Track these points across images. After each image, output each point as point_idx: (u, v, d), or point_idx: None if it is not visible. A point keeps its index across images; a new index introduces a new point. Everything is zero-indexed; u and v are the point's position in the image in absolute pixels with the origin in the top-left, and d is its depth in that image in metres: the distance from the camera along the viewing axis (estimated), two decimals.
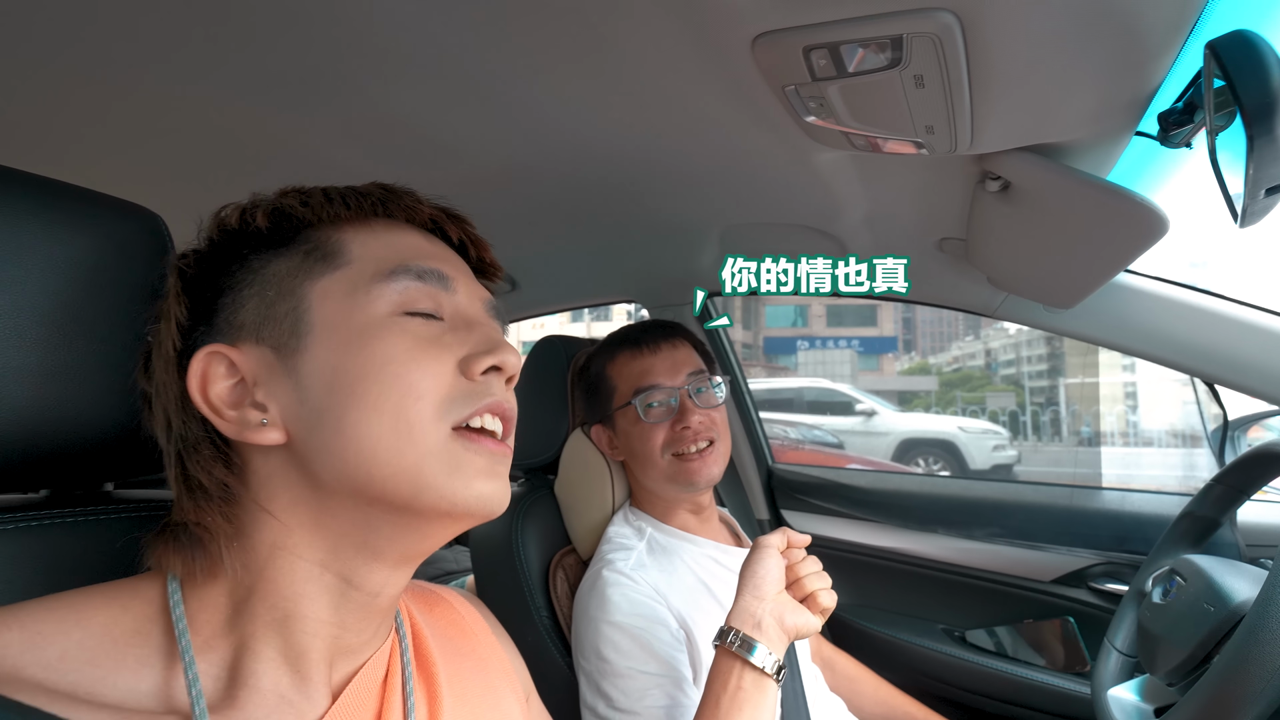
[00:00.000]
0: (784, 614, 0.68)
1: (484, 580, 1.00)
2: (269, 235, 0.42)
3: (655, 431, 0.91)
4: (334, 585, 0.40)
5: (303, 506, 0.39)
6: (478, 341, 0.41)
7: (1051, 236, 0.74)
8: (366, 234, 0.43)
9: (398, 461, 0.38)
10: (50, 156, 0.84)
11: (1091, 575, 1.16)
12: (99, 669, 0.35)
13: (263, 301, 0.40)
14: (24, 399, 0.43)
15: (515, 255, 1.35)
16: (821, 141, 0.68)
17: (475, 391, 0.40)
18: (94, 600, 0.37)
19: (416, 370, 0.39)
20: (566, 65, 0.65)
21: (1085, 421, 8.35)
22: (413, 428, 0.38)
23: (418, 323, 0.41)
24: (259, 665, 0.38)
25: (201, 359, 0.39)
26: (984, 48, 0.44)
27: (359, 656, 0.43)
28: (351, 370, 0.39)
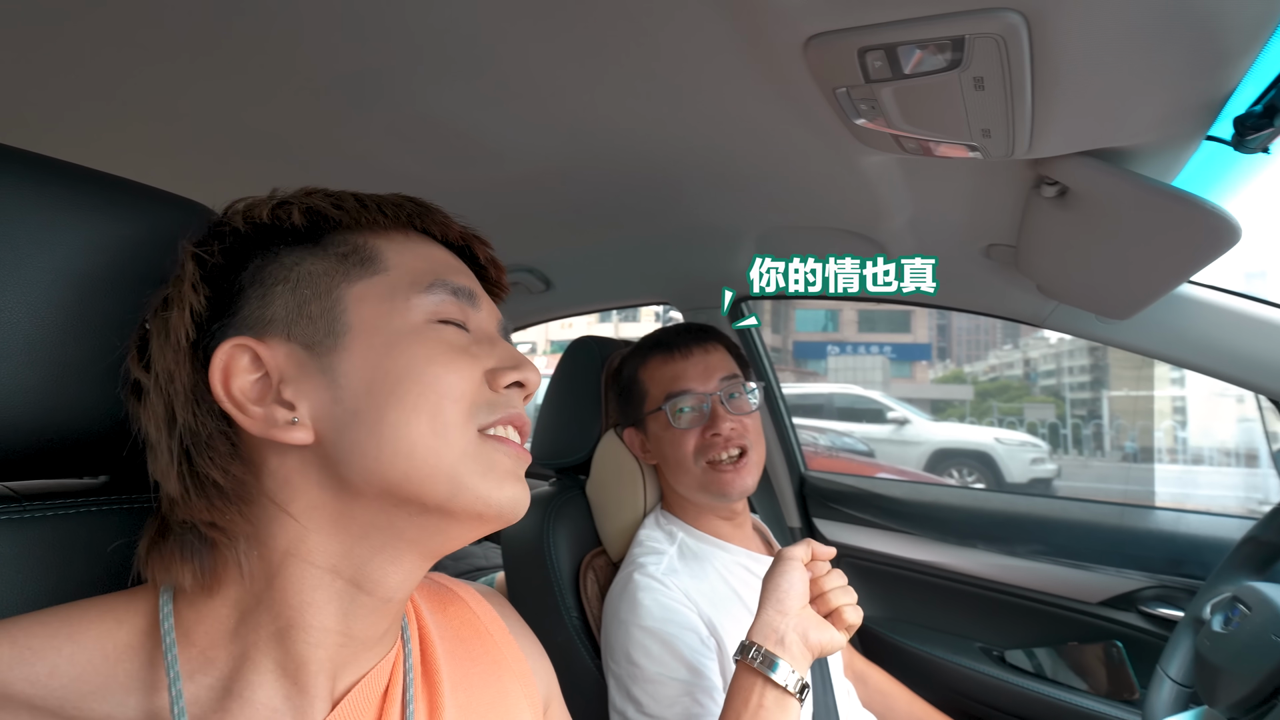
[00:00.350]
0: (808, 630, 0.66)
1: (515, 579, 1.00)
2: (303, 233, 0.42)
3: (686, 437, 0.90)
4: (343, 591, 0.39)
5: (323, 508, 0.39)
6: (502, 357, 0.43)
7: (1110, 245, 0.71)
8: (400, 244, 0.44)
9: (435, 462, 0.38)
10: (110, 153, 0.87)
11: (1142, 599, 1.11)
12: (87, 685, 0.35)
13: (295, 299, 0.40)
14: (87, 389, 0.44)
15: (550, 255, 1.36)
16: (869, 144, 0.67)
17: (498, 402, 0.42)
18: (89, 614, 0.37)
19: (453, 374, 0.40)
20: (610, 66, 0.65)
21: (1130, 436, 8.03)
22: (449, 429, 0.39)
23: (450, 331, 0.42)
24: (256, 677, 0.38)
25: (226, 351, 0.38)
26: (1050, 49, 0.43)
27: (362, 665, 0.42)
28: (392, 372, 0.39)
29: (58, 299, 0.43)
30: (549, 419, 1.09)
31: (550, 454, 1.08)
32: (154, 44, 0.66)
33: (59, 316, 0.43)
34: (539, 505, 0.99)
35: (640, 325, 7.59)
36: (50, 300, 0.43)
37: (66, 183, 0.45)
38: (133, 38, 0.64)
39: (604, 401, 1.05)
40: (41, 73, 0.70)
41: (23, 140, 0.45)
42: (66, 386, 0.44)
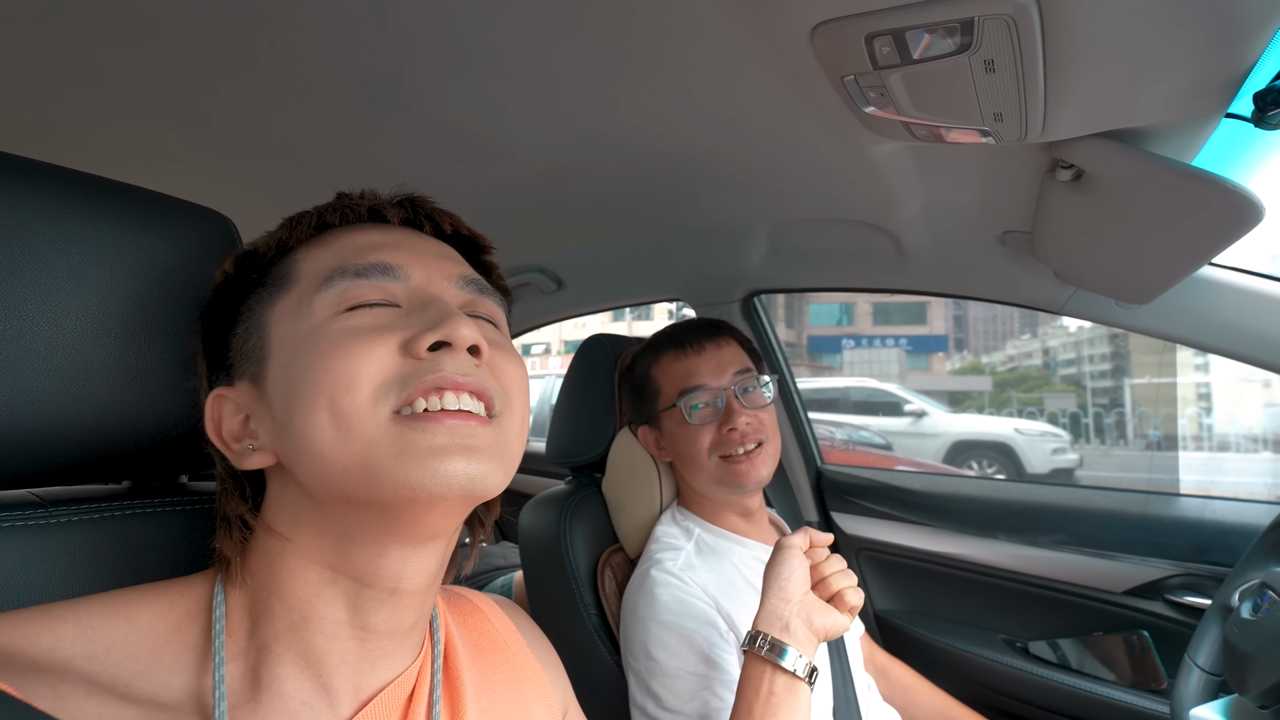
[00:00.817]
0: (811, 615, 0.67)
1: (533, 577, 1.01)
2: (244, 279, 0.44)
3: (702, 434, 0.90)
4: (348, 587, 0.40)
5: (304, 518, 0.40)
6: (425, 321, 0.39)
7: (1129, 228, 0.69)
8: (317, 248, 0.43)
9: (345, 456, 0.36)
10: (129, 163, 0.88)
11: (1168, 587, 1.09)
12: (139, 663, 0.36)
13: (239, 340, 0.42)
14: (108, 396, 0.45)
15: (561, 254, 1.36)
16: (879, 132, 0.66)
17: (419, 370, 0.37)
18: (145, 597, 0.39)
19: (345, 358, 0.37)
20: (619, 63, 0.65)
21: (1154, 424, 7.89)
22: (348, 418, 0.36)
23: (362, 314, 0.39)
24: (280, 670, 0.39)
25: (210, 404, 0.42)
26: (1062, 29, 0.42)
27: (391, 666, 0.42)
28: (293, 377, 0.39)
29: (78, 307, 0.44)
30: (563, 418, 1.09)
31: (566, 453, 1.08)
32: (169, 54, 0.67)
33: (80, 324, 0.44)
34: (556, 504, 1.00)
35: (654, 324, 7.59)
36: (71, 308, 0.44)
37: (84, 193, 0.46)
38: (147, 48, 0.66)
39: (618, 399, 1.05)
40: (62, 84, 0.72)
41: (43, 154, 0.46)
42: (89, 394, 0.45)
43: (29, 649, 0.34)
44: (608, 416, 1.05)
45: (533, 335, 2.08)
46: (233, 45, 0.65)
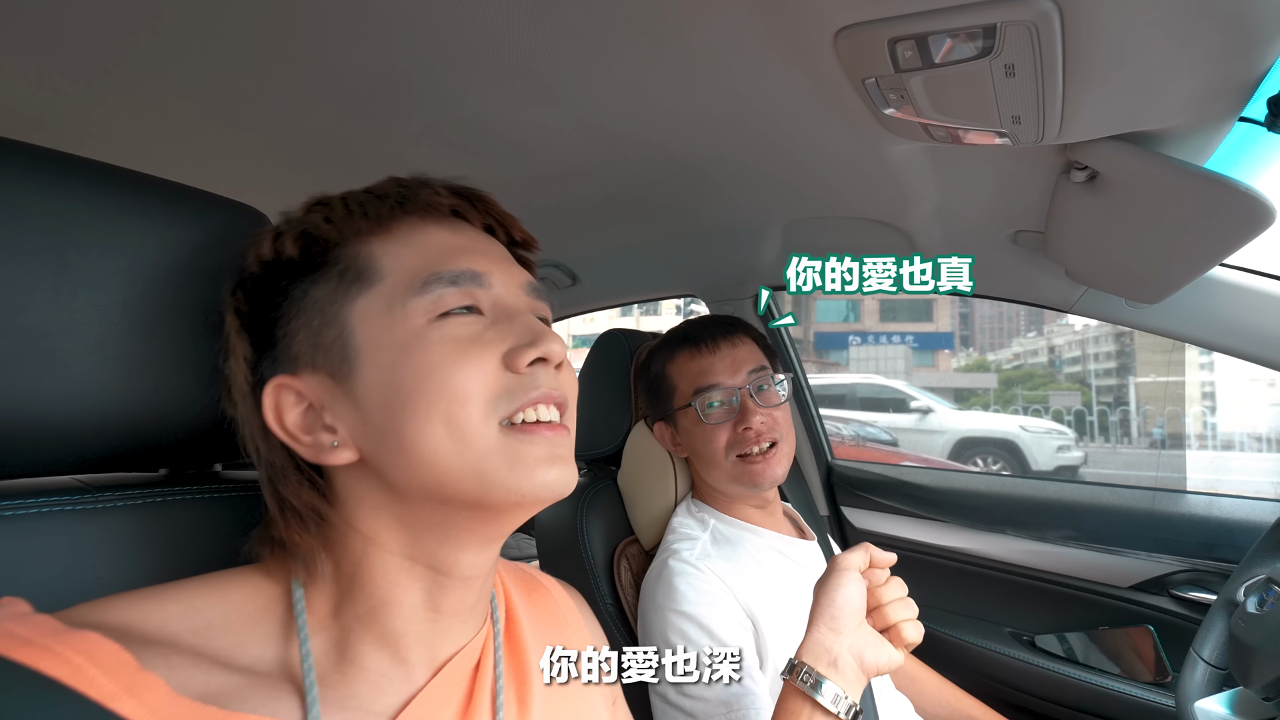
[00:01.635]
0: (864, 651, 0.58)
1: (550, 568, 1.02)
2: (301, 262, 0.43)
3: (717, 432, 0.91)
4: (424, 575, 0.43)
5: (385, 512, 0.42)
6: (520, 333, 0.41)
7: (1142, 228, 0.70)
8: (394, 243, 0.43)
9: (459, 465, 0.39)
10: (161, 159, 0.90)
11: (1174, 582, 1.11)
12: (236, 637, 0.39)
13: (309, 331, 0.42)
14: (151, 385, 0.47)
15: (576, 250, 1.37)
16: (897, 133, 0.67)
17: (522, 385, 0.41)
18: (234, 581, 0.42)
19: (460, 374, 0.39)
20: (640, 64, 0.66)
21: (1158, 422, 7.87)
22: (465, 431, 0.39)
23: (456, 323, 0.41)
24: (362, 646, 0.42)
25: (271, 392, 0.41)
26: (1083, 34, 0.43)
27: (457, 638, 0.45)
28: (400, 386, 0.40)
29: (124, 300, 0.45)
30: (579, 411, 1.11)
31: (581, 446, 1.10)
32: (203, 54, 0.68)
33: (126, 317, 0.45)
34: (572, 496, 1.00)
35: (661, 319, 7.59)
36: (118, 302, 0.45)
37: (131, 189, 0.48)
38: (181, 48, 0.67)
39: (633, 394, 1.06)
40: (101, 82, 0.73)
41: (81, 148, 0.48)
42: (134, 385, 0.46)
43: (143, 625, 0.37)
44: (623, 411, 1.06)
45: None
46: (264, 46, 0.67)
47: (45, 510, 0.44)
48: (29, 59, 0.69)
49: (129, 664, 0.34)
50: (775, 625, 0.85)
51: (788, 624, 0.85)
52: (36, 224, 0.42)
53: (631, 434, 1.05)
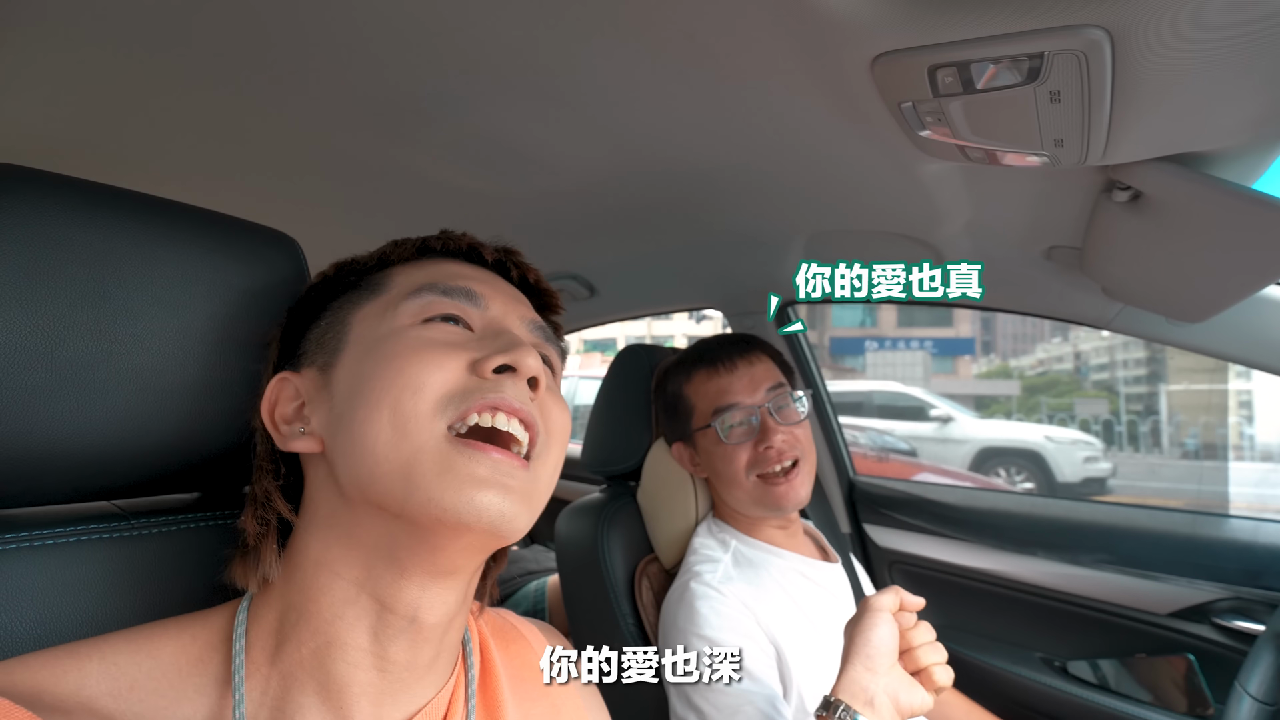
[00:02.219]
0: (899, 692, 0.59)
1: (570, 585, 1.02)
2: (340, 282, 0.47)
3: (738, 453, 0.90)
4: (371, 608, 0.40)
5: (337, 520, 0.41)
6: (497, 345, 0.41)
7: (1187, 249, 0.68)
8: (413, 268, 0.47)
9: (393, 457, 0.37)
10: (193, 183, 0.92)
11: (1216, 610, 1.07)
12: (163, 698, 0.37)
13: (321, 332, 0.45)
14: (186, 412, 0.47)
15: (595, 261, 1.37)
16: (931, 154, 0.66)
17: (481, 388, 0.39)
18: (168, 631, 0.40)
19: (418, 365, 0.39)
20: (668, 81, 0.66)
21: (1191, 432, 7.66)
22: (407, 421, 0.38)
23: (437, 327, 0.42)
24: (303, 699, 0.39)
25: (274, 385, 0.44)
26: (1135, 62, 0.42)
27: (414, 697, 0.41)
28: (364, 373, 0.40)
29: (161, 329, 0.46)
30: (598, 427, 1.10)
31: (601, 461, 1.09)
32: (231, 77, 0.69)
33: (162, 346, 0.46)
34: (592, 512, 1.01)
35: (672, 324, 7.59)
36: (154, 331, 0.46)
37: (166, 219, 0.49)
38: (208, 73, 0.68)
39: (653, 410, 1.05)
40: (127, 108, 0.75)
41: (109, 176, 0.49)
42: (169, 411, 0.47)
43: (55, 689, 0.35)
44: (643, 427, 1.06)
45: None
46: (291, 68, 0.68)
47: (84, 539, 0.45)
48: (61, 89, 0.71)
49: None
50: (799, 650, 0.83)
51: (812, 649, 0.84)
52: (76, 257, 0.43)
53: (651, 451, 1.04)
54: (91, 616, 0.44)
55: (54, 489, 0.46)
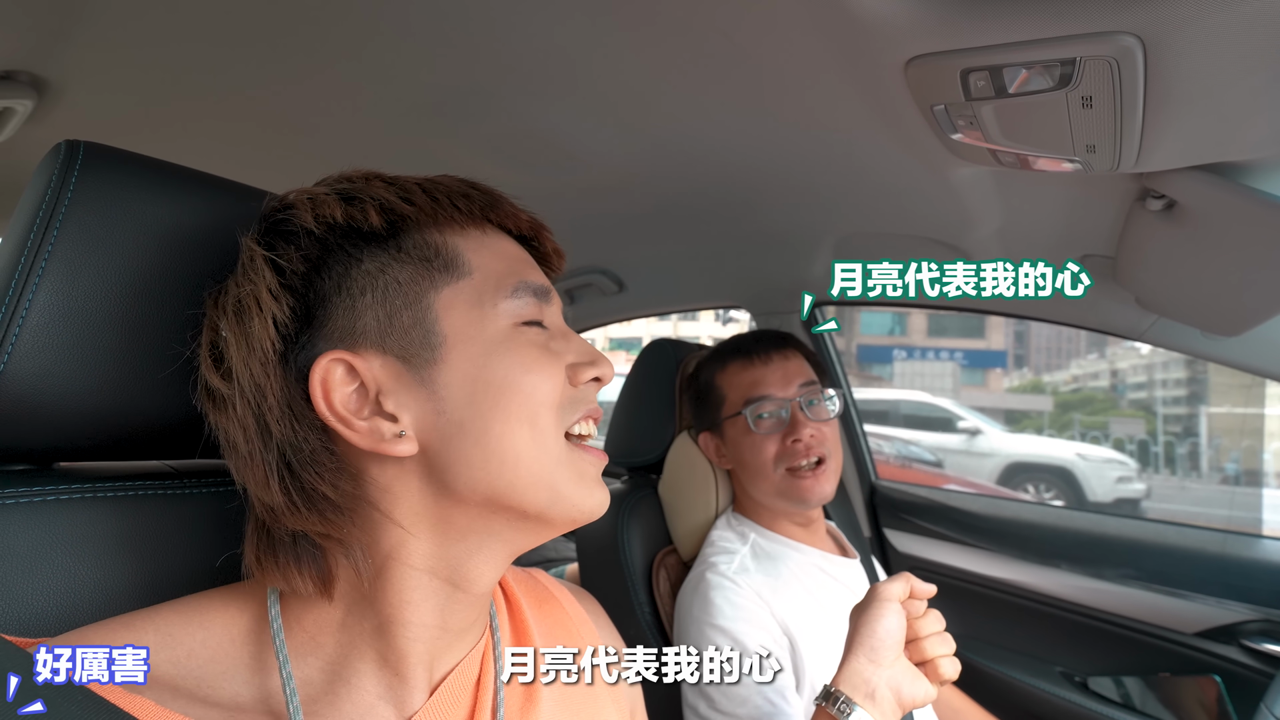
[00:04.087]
0: (902, 685, 0.58)
1: (589, 573, 1.04)
2: (380, 234, 0.40)
3: (766, 443, 0.91)
4: (439, 589, 0.41)
5: (424, 513, 0.40)
6: (579, 351, 0.44)
7: (1223, 260, 0.67)
8: (477, 242, 0.43)
9: (537, 470, 0.40)
10: (241, 166, 0.96)
11: (1245, 632, 1.04)
12: (218, 665, 0.38)
13: (385, 309, 0.39)
14: None
15: (624, 257, 1.39)
16: (963, 157, 0.66)
17: (579, 398, 0.43)
18: (215, 603, 0.41)
19: (545, 379, 0.41)
20: (703, 80, 0.67)
21: (1233, 456, 7.38)
22: (545, 435, 0.40)
23: (533, 332, 0.42)
24: (361, 665, 0.40)
25: (323, 366, 0.37)
26: (1167, 69, 0.42)
27: (455, 653, 0.44)
28: (492, 382, 0.40)
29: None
30: (623, 419, 1.12)
31: (623, 453, 1.11)
32: (283, 68, 0.73)
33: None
34: (613, 503, 1.02)
35: (699, 324, 7.57)
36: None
37: (229, 199, 0.51)
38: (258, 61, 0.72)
39: (678, 404, 1.07)
40: (195, 98, 0.79)
41: (183, 158, 0.52)
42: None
43: None
44: (667, 420, 1.07)
45: (582, 333, 2.12)
46: (347, 61, 0.71)
47: (141, 494, 0.48)
48: (141, 79, 0.75)
49: (114, 690, 0.34)
50: (814, 644, 0.84)
51: (826, 643, 0.85)
52: (148, 229, 0.46)
53: (675, 444, 1.05)
54: (144, 565, 0.47)
55: (115, 445, 0.49)
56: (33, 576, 0.43)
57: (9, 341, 0.42)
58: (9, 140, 0.81)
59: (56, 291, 0.43)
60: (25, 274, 0.42)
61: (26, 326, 0.42)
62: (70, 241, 0.43)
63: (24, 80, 0.72)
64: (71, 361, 0.44)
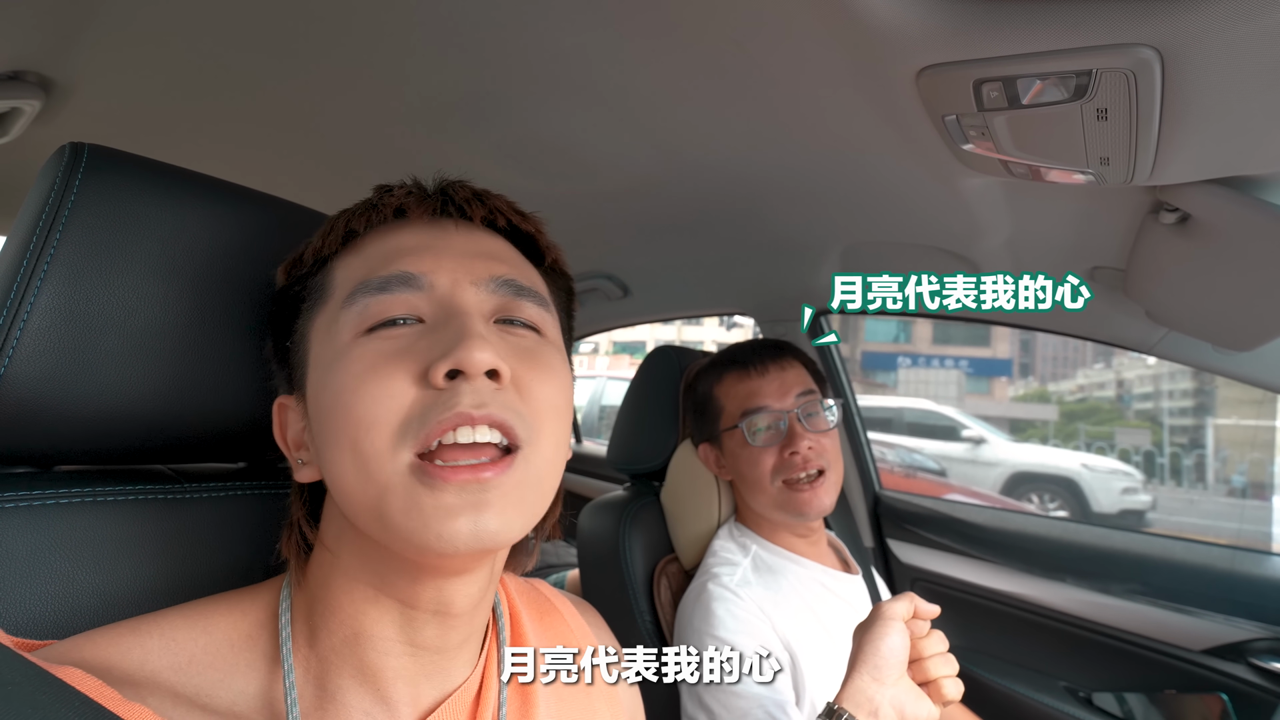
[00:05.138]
0: (905, 704, 0.58)
1: (590, 579, 1.04)
2: (291, 290, 0.43)
3: (764, 456, 0.90)
4: (393, 607, 0.39)
5: (345, 535, 0.40)
6: (444, 342, 0.36)
7: (1237, 275, 0.67)
8: (351, 255, 0.41)
9: (362, 499, 0.36)
10: (250, 171, 0.96)
11: (1253, 650, 1.03)
12: (218, 672, 0.38)
13: (294, 349, 0.42)
14: (240, 386, 0.50)
15: (630, 263, 1.39)
16: (973, 167, 0.66)
17: (439, 403, 0.35)
18: (220, 607, 0.40)
19: (366, 398, 0.36)
20: (714, 89, 0.67)
21: (1239, 469, 7.32)
22: (368, 462, 0.35)
23: (380, 338, 0.37)
24: (342, 680, 0.39)
25: (276, 409, 0.43)
26: (1186, 82, 0.41)
27: (450, 676, 0.42)
28: (323, 405, 0.38)
29: (222, 305, 0.49)
30: (626, 426, 1.12)
31: (626, 460, 1.10)
32: (286, 77, 0.73)
33: (223, 320, 0.49)
34: (615, 510, 1.02)
35: (703, 329, 7.56)
36: (215, 305, 0.49)
37: (231, 201, 0.51)
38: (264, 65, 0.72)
39: (681, 411, 1.06)
40: (198, 99, 0.79)
41: (185, 156, 0.52)
42: (224, 383, 0.50)
43: (122, 663, 0.36)
44: (670, 427, 1.06)
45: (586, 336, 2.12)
46: (353, 63, 0.71)
47: (140, 498, 0.48)
48: (145, 81, 0.75)
49: (114, 698, 0.33)
50: (814, 660, 0.83)
51: (827, 659, 0.84)
52: (151, 233, 0.46)
53: (677, 452, 1.05)
54: (143, 570, 0.47)
55: (115, 449, 0.49)
56: (31, 580, 0.42)
57: (10, 344, 0.41)
58: (16, 140, 0.81)
59: (59, 295, 0.43)
60: (28, 277, 0.42)
61: (28, 329, 0.42)
62: (73, 244, 0.43)
63: (31, 80, 0.73)
64: (73, 365, 0.43)
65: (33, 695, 0.30)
